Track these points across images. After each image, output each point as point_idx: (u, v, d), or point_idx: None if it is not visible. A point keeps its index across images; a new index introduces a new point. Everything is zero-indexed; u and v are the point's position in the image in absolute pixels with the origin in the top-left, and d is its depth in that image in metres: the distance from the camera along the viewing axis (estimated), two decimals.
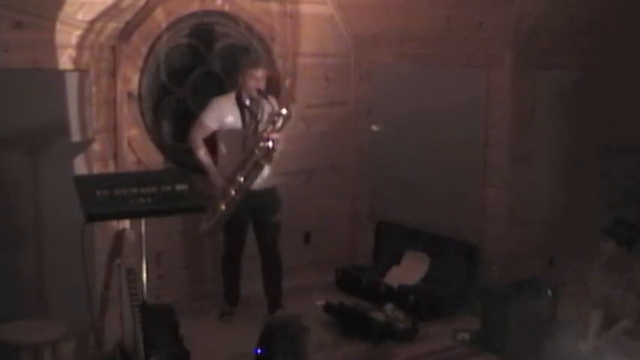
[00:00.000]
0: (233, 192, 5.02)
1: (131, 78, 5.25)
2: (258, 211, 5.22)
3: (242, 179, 5.02)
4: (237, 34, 5.71)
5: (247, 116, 5.14)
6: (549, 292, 4.92)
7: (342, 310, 5.25)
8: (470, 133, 5.54)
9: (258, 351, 4.16)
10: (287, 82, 5.94)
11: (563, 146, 5.65)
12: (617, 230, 4.40)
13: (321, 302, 5.39)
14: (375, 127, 6.26)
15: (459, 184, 5.64)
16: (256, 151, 4.98)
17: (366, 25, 6.12)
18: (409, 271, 5.81)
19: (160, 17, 5.30)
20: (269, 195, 5.24)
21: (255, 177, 5.05)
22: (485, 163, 5.48)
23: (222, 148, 5.21)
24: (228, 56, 5.66)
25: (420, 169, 5.90)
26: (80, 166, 4.73)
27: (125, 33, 5.08)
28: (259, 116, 5.13)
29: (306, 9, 5.99)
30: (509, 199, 5.42)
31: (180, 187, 3.99)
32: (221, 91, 5.50)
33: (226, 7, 5.61)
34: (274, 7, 5.85)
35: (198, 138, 5.16)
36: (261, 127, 5.07)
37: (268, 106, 5.13)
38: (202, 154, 5.15)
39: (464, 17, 5.36)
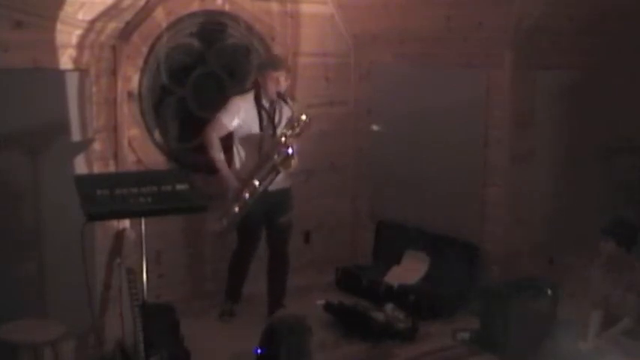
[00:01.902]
0: (247, 195, 5.00)
1: (131, 77, 5.25)
2: (271, 211, 5.19)
3: (257, 183, 4.99)
4: (237, 34, 5.71)
5: (265, 119, 5.09)
6: (549, 292, 4.92)
7: (342, 309, 5.25)
8: (470, 133, 5.54)
9: (259, 351, 4.15)
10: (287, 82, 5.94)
11: (563, 146, 5.65)
12: (617, 230, 4.40)
13: (321, 302, 5.39)
14: (375, 127, 6.26)
15: (459, 184, 5.64)
16: (275, 157, 4.94)
17: (366, 25, 6.12)
18: (409, 270, 5.81)
19: (160, 17, 5.30)
20: (283, 196, 5.22)
21: (271, 182, 5.01)
22: (485, 163, 5.48)
23: (239, 149, 5.16)
24: (229, 56, 5.66)
25: (420, 169, 5.90)
26: (80, 166, 4.72)
27: (125, 33, 5.08)
28: (277, 119, 5.10)
29: (306, 9, 5.99)
30: (509, 199, 5.42)
31: (180, 186, 3.99)
32: (221, 90, 5.51)
33: (226, 7, 5.61)
34: (274, 6, 5.85)
35: (214, 137, 5.08)
36: (278, 132, 5.04)
37: (287, 109, 5.09)
38: (218, 154, 5.08)
39: (464, 17, 5.36)
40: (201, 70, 5.59)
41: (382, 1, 5.81)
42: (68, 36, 4.59)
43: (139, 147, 5.36)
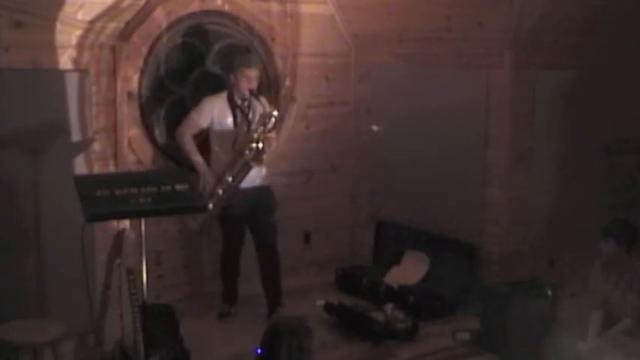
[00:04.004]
0: (221, 191, 5.05)
1: (131, 78, 5.25)
2: (253, 210, 5.22)
3: (230, 179, 5.05)
4: (237, 34, 5.71)
5: (239, 116, 5.15)
6: (549, 292, 4.92)
7: (342, 309, 5.25)
8: (470, 133, 5.53)
9: (259, 351, 4.16)
10: (287, 82, 5.95)
11: (563, 146, 5.65)
12: (617, 230, 4.40)
13: (321, 302, 5.39)
14: (375, 127, 6.26)
15: (459, 184, 5.63)
16: (246, 152, 5.01)
17: (366, 25, 6.12)
18: (409, 271, 5.81)
19: (160, 17, 5.30)
20: (263, 194, 5.25)
21: (244, 177, 5.08)
22: (485, 163, 5.48)
23: (214, 147, 5.22)
24: (228, 56, 5.66)
25: (419, 169, 5.90)
26: (80, 166, 4.73)
27: (125, 33, 5.09)
28: (250, 116, 5.14)
29: (306, 9, 5.99)
30: (509, 199, 5.42)
31: (180, 187, 3.99)
32: (221, 91, 5.50)
33: (226, 7, 5.61)
34: (274, 6, 5.85)
35: (186, 134, 5.18)
36: (252, 128, 5.09)
37: (260, 106, 5.15)
38: (191, 150, 5.16)
39: (464, 17, 5.36)
40: (201, 70, 5.59)
41: (382, 1, 5.81)
42: (68, 36, 4.59)
43: (139, 147, 5.36)
